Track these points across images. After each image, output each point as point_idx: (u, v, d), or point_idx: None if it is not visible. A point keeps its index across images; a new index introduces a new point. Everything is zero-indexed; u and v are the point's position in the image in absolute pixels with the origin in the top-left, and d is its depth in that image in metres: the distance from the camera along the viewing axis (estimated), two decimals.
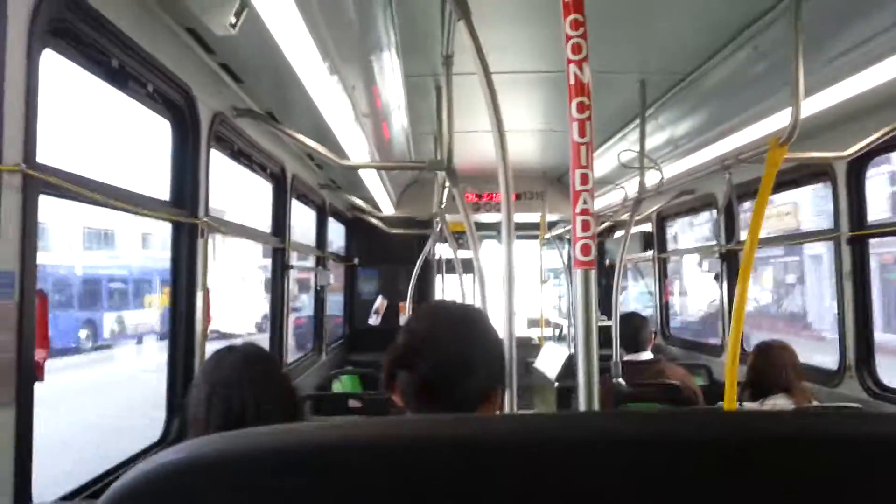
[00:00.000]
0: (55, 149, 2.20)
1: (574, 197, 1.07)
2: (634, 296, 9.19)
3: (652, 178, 3.73)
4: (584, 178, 1.07)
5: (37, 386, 1.75)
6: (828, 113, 2.82)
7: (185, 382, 2.57)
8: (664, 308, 5.80)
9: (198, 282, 2.73)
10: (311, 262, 5.65)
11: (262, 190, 4.16)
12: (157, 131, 2.72)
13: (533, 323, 7.73)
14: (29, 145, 1.65)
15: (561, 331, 7.82)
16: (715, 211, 4.61)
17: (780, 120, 2.83)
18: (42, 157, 1.74)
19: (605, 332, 4.41)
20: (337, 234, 6.83)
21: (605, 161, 4.79)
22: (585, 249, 1.08)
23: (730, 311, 4.28)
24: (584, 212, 1.06)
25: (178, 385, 2.65)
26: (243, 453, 0.24)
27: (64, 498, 2.05)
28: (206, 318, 2.82)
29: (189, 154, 2.61)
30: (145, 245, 24.93)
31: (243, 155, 3.27)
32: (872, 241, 3.21)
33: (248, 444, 0.24)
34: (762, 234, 2.26)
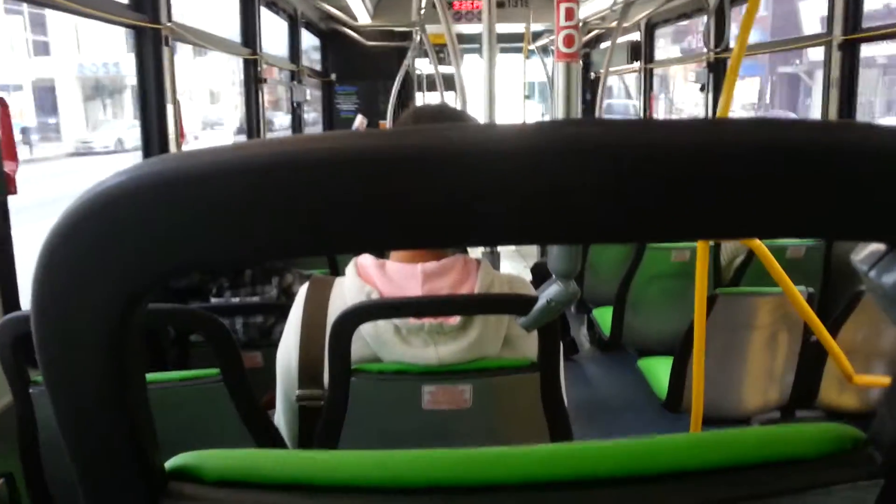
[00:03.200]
0: None
1: None
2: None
3: None
4: None
5: None
6: None
7: None
8: None
9: (167, 94, 2.62)
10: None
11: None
12: None
13: None
14: None
15: None
16: (706, 18, 4.41)
17: None
18: None
19: None
20: (312, 50, 6.53)
21: None
22: (569, 40, 1.02)
23: None
24: None
25: None
26: (193, 169, 0.21)
27: None
28: (180, 132, 2.75)
29: None
30: None
31: None
32: None
33: (197, 160, 0.21)
34: (752, 40, 2.17)
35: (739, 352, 2.25)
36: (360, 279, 1.16)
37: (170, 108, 2.63)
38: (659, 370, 2.50)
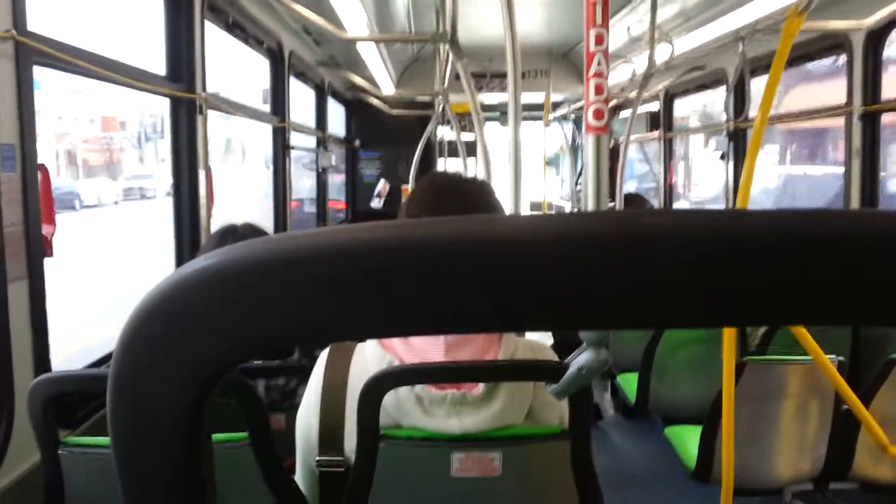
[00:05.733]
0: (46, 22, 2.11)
1: (588, 58, 1.03)
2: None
3: (662, 54, 3.60)
4: (599, 38, 1.03)
5: None
6: None
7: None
8: (668, 190, 5.77)
9: (199, 160, 2.70)
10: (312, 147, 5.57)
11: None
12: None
13: (535, 207, 7.73)
14: (18, 11, 1.59)
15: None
16: (724, 88, 4.49)
17: None
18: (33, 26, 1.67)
19: None
20: (337, 117, 6.71)
21: (613, 35, 4.61)
22: (598, 114, 1.05)
23: (735, 192, 4.26)
24: (598, 74, 1.02)
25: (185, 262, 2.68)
26: (275, 255, 0.23)
27: (91, 366, 2.13)
28: (210, 197, 2.82)
29: (183, 24, 2.51)
30: None
31: (238, 27, 3.15)
32: None
33: (279, 247, 0.23)
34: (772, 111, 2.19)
35: (769, 421, 2.20)
36: (382, 348, 1.16)
37: (201, 174, 2.71)
38: (687, 439, 2.45)
